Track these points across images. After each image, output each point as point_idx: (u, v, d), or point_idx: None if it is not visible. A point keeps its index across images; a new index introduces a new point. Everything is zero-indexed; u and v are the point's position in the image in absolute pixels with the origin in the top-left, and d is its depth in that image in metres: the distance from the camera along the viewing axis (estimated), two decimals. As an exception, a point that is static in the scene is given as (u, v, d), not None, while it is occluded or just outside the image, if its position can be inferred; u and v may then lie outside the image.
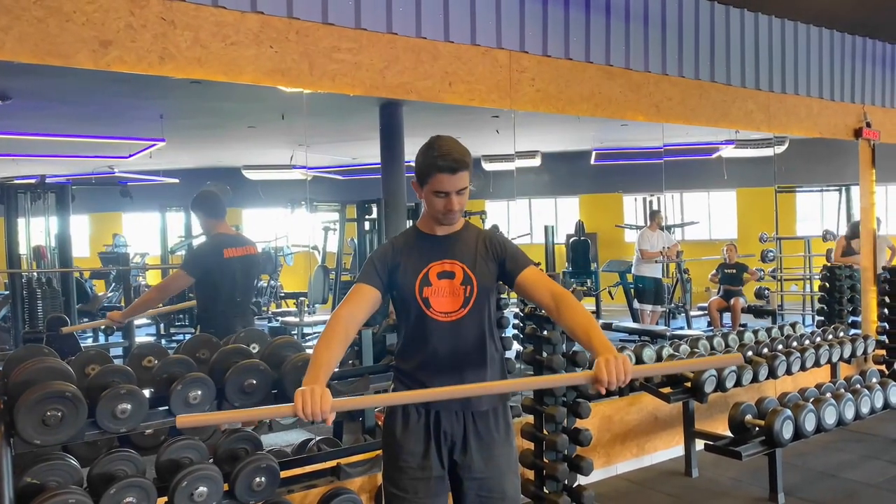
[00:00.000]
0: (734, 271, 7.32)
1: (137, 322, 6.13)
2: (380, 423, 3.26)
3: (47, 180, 5.89)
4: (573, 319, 1.94)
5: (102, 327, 6.16)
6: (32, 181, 5.79)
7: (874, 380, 4.49)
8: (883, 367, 5.29)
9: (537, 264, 2.18)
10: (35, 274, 5.60)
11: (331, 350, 1.89)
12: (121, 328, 4.13)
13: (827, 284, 5.69)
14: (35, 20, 2.61)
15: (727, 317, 7.36)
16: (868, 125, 5.88)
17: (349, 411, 3.86)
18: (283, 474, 2.72)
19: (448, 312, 2.03)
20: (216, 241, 3.65)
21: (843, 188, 7.92)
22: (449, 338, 2.03)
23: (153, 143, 5.91)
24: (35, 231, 5.78)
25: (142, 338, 5.89)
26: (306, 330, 6.52)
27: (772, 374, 4.30)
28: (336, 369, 3.05)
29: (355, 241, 6.98)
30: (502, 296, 3.69)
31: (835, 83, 5.65)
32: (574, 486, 3.37)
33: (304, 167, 5.12)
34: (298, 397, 1.71)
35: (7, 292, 5.36)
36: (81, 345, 4.74)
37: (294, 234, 7.94)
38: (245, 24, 3.05)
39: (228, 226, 3.78)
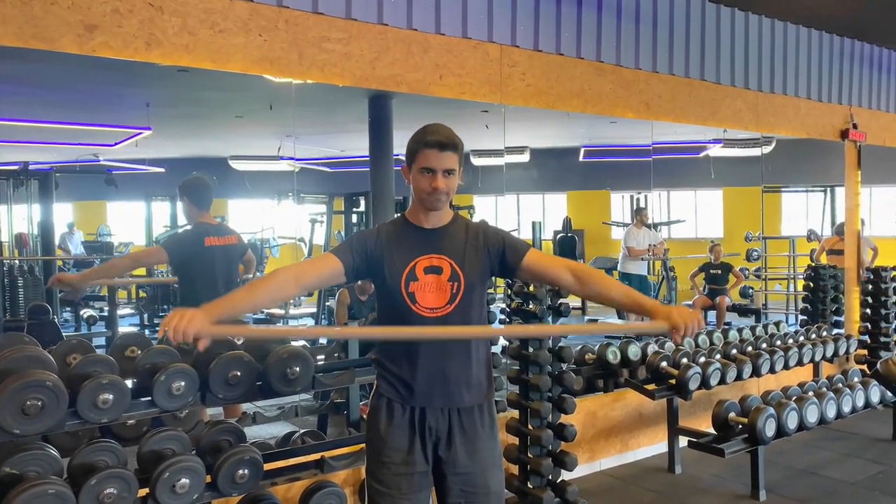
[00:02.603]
0: (719, 272, 7.37)
1: (121, 312, 6.08)
2: (364, 416, 3.25)
3: (30, 167, 5.81)
4: (609, 289, 2.04)
5: (85, 317, 6.10)
6: (15, 168, 5.71)
7: (856, 379, 4.53)
8: (864, 367, 5.33)
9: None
10: (17, 262, 5.53)
11: (250, 294, 1.98)
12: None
13: (811, 284, 5.73)
14: (19, 2, 2.56)
15: (711, 315, 7.41)
16: (855, 126, 5.93)
17: (336, 403, 3.85)
18: (267, 467, 2.70)
19: (434, 308, 2.00)
20: (198, 230, 3.66)
21: (829, 189, 8.00)
22: None
23: (139, 131, 5.85)
24: (17, 218, 5.71)
25: (125, 328, 5.85)
26: (292, 322, 6.50)
27: (755, 373, 4.33)
28: (321, 360, 3.04)
29: (342, 233, 6.95)
30: (488, 291, 3.68)
31: (823, 84, 5.69)
32: (558, 481, 3.37)
33: (291, 158, 5.09)
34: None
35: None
36: (64, 333, 4.69)
37: (280, 225, 7.89)
38: (234, 11, 3.01)
39: (211, 217, 3.77)
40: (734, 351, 4.48)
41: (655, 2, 4.52)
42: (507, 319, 4.56)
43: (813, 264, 5.98)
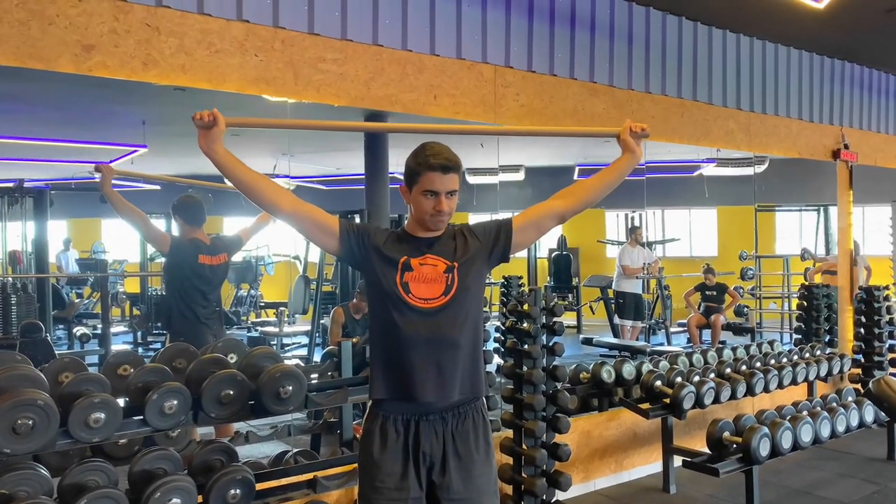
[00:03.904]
0: (715, 293, 7.40)
1: (114, 330, 6.06)
2: (358, 435, 3.24)
3: (25, 184, 5.82)
4: (591, 183, 2.26)
5: (78, 335, 6.08)
6: (10, 185, 5.72)
7: (850, 398, 4.53)
8: (858, 386, 5.34)
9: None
10: (10, 279, 5.52)
11: (251, 169, 2.04)
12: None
13: (805, 303, 5.75)
14: (17, 22, 2.58)
15: (707, 334, 7.42)
16: (846, 147, 5.98)
17: (329, 422, 3.84)
18: (259, 486, 2.69)
19: (427, 299, 2.01)
20: (195, 244, 3.72)
21: (822, 208, 8.05)
22: (428, 326, 2.00)
23: (135, 149, 5.86)
24: (11, 236, 5.70)
25: (118, 346, 5.83)
26: (286, 340, 6.48)
27: (750, 392, 4.33)
28: (315, 378, 3.03)
29: (337, 251, 6.93)
30: (483, 309, 3.69)
31: (814, 105, 5.75)
32: (552, 501, 3.36)
33: (287, 176, 5.10)
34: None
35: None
36: (56, 351, 4.67)
37: (275, 243, 7.89)
38: (230, 32, 3.04)
39: (205, 233, 3.82)
40: (728, 370, 4.49)
41: (648, 23, 4.58)
42: (503, 338, 4.56)
43: (806, 283, 6.01)
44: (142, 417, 2.44)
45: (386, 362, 2.05)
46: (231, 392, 2.57)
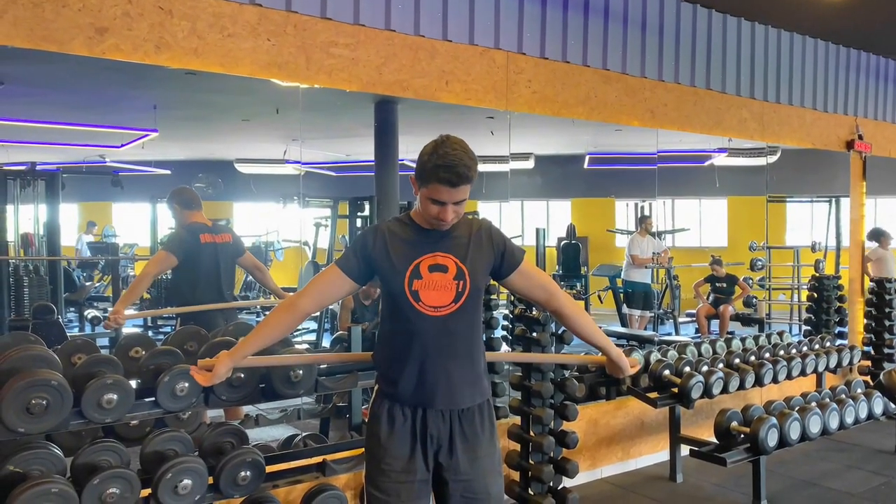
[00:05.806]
0: (724, 285, 7.38)
1: (127, 313, 6.10)
2: (365, 419, 3.25)
3: (37, 167, 5.85)
4: (584, 323, 2.25)
5: (89, 317, 6.12)
6: (22, 168, 5.75)
7: (859, 390, 4.51)
8: (868, 378, 5.32)
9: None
10: (22, 261, 5.56)
11: (274, 328, 2.07)
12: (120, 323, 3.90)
13: (815, 294, 5.73)
14: (31, 4, 2.58)
15: (715, 324, 7.40)
16: (860, 137, 5.93)
17: (339, 406, 3.86)
18: (269, 469, 2.71)
19: (438, 307, 1.98)
20: (192, 228, 3.76)
21: (833, 199, 7.99)
22: (437, 334, 1.99)
23: (146, 133, 5.88)
24: (24, 218, 5.74)
25: (129, 328, 5.87)
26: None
27: (758, 382, 4.32)
28: (324, 366, 3.05)
29: (346, 237, 6.97)
30: (492, 297, 3.69)
31: (828, 95, 5.69)
32: (559, 488, 3.37)
33: (297, 162, 5.12)
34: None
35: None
36: (68, 333, 4.71)
37: (285, 228, 7.92)
38: (243, 15, 3.03)
39: (203, 216, 3.84)
40: (737, 360, 4.48)
41: (662, 10, 4.54)
42: (511, 326, 4.57)
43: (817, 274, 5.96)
44: (154, 399, 2.46)
45: (394, 364, 2.04)
46: (242, 375, 2.58)
